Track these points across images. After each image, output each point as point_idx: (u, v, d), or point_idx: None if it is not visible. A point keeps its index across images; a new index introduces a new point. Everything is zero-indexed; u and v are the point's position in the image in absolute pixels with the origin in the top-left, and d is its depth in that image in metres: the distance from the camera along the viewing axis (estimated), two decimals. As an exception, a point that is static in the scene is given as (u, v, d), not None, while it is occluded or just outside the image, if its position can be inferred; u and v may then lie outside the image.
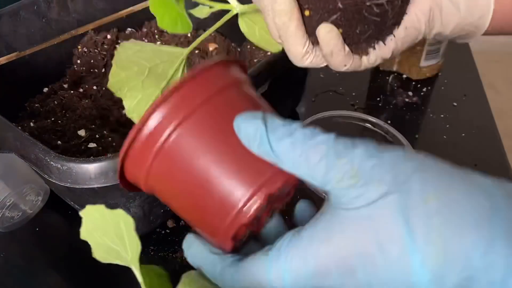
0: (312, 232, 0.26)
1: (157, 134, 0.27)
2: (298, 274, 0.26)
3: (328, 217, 0.26)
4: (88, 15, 0.65)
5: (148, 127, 0.28)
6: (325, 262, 0.25)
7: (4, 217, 0.49)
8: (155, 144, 0.27)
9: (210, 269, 0.28)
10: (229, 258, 0.28)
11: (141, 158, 0.28)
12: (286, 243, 0.27)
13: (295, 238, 0.27)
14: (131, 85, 0.39)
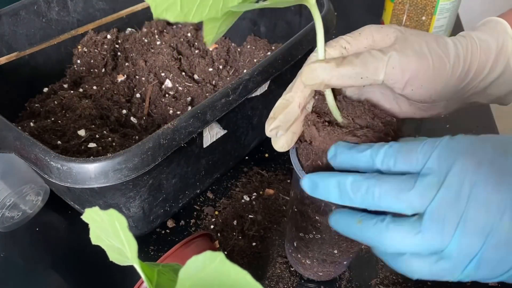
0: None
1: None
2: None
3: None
4: (88, 15, 0.65)
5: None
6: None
7: (4, 217, 0.49)
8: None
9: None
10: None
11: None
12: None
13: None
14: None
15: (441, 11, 0.65)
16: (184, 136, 0.42)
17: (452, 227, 0.29)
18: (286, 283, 0.47)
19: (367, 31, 0.38)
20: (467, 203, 0.29)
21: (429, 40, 0.37)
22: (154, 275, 0.25)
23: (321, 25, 0.35)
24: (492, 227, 0.28)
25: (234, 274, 0.18)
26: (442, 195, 0.29)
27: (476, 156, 0.29)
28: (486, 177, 0.29)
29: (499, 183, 0.28)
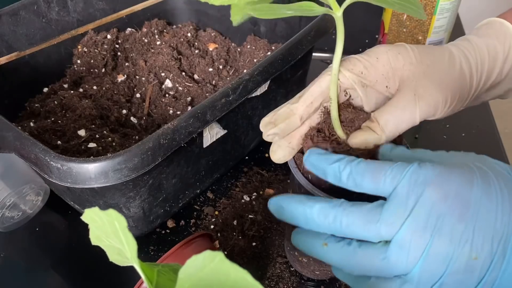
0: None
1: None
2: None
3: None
4: (88, 15, 0.65)
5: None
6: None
7: (4, 217, 0.49)
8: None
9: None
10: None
11: None
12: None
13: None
14: None
15: (441, 11, 0.65)
16: (184, 136, 0.42)
17: (417, 255, 0.30)
18: (286, 283, 0.47)
19: (385, 58, 0.38)
20: (432, 233, 0.30)
21: (445, 68, 0.38)
22: (154, 275, 0.25)
23: (342, 40, 0.34)
24: (453, 256, 0.30)
25: (233, 274, 0.18)
26: (409, 225, 0.30)
27: (443, 188, 0.31)
28: (451, 209, 0.30)
29: (463, 214, 0.30)
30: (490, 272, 0.29)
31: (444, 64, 0.38)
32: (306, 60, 0.60)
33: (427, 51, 0.39)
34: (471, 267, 0.29)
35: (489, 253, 0.29)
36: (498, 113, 0.71)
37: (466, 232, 0.30)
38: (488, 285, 0.30)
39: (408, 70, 0.37)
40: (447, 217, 0.30)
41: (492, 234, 0.29)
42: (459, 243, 0.30)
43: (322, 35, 0.53)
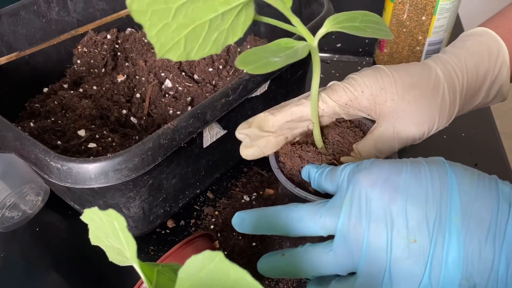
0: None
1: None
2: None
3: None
4: (88, 15, 0.65)
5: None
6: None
7: (4, 217, 0.49)
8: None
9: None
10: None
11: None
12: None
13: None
14: (157, 8, 0.31)
15: (441, 11, 0.65)
16: (184, 136, 0.42)
17: (359, 244, 0.31)
18: (286, 283, 0.47)
19: (369, 92, 0.39)
20: (367, 220, 0.31)
21: (426, 102, 0.39)
22: (154, 275, 0.25)
23: (319, 70, 0.38)
24: (391, 241, 0.30)
25: (233, 274, 0.18)
26: (345, 214, 0.32)
27: (372, 175, 0.32)
28: (381, 194, 0.31)
29: (393, 198, 0.31)
30: (433, 254, 0.29)
31: (426, 97, 0.39)
32: (306, 60, 0.60)
33: (410, 81, 0.39)
34: (413, 251, 0.30)
35: (426, 234, 0.30)
36: (498, 113, 0.71)
37: (399, 215, 0.30)
38: (436, 270, 0.30)
39: (390, 107, 0.39)
40: (377, 201, 0.31)
41: (425, 215, 0.30)
42: (393, 227, 0.30)
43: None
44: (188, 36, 0.32)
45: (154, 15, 0.30)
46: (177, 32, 0.32)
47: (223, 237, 0.51)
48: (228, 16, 0.34)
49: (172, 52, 0.32)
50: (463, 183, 0.31)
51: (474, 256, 0.29)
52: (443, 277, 0.30)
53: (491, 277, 0.29)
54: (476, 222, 0.29)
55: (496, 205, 0.30)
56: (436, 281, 0.30)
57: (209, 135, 0.48)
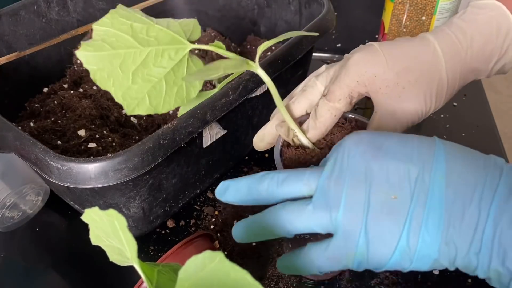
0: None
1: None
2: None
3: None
4: (88, 15, 0.65)
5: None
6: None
7: (4, 217, 0.49)
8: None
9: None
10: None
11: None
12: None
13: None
14: (116, 76, 0.37)
15: (441, 11, 0.65)
16: (184, 136, 0.42)
17: (337, 198, 0.30)
18: (286, 283, 0.47)
19: (362, 80, 0.39)
20: (348, 176, 0.31)
21: (423, 82, 0.38)
22: (154, 275, 0.25)
23: (274, 88, 0.41)
24: (370, 196, 0.30)
25: (233, 274, 0.18)
26: (328, 170, 0.32)
27: (358, 135, 0.32)
28: (364, 151, 0.31)
29: (376, 155, 0.30)
30: (413, 212, 0.29)
31: (422, 81, 0.38)
32: (306, 60, 0.60)
33: (404, 64, 0.38)
34: (392, 207, 0.29)
35: (408, 191, 0.29)
36: (498, 113, 0.71)
37: (380, 170, 0.30)
38: (415, 231, 0.29)
39: (385, 94, 0.39)
40: (359, 158, 0.31)
41: (407, 172, 0.29)
42: (373, 181, 0.30)
43: (322, 35, 0.53)
44: (150, 93, 0.38)
45: (116, 82, 0.37)
46: (140, 91, 0.38)
47: (223, 237, 0.51)
48: (178, 71, 0.39)
49: (140, 108, 0.38)
50: (451, 150, 0.30)
51: (456, 217, 0.28)
52: (421, 240, 0.29)
53: (474, 240, 0.28)
54: (462, 183, 0.28)
55: (485, 169, 0.29)
56: (414, 242, 0.29)
57: (209, 135, 0.48)
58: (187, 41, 0.40)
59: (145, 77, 0.38)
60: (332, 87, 0.40)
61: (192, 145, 0.47)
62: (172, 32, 0.39)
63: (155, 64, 0.38)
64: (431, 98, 0.38)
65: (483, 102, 0.69)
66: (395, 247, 0.29)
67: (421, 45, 0.39)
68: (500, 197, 0.28)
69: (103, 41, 0.36)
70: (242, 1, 0.69)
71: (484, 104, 0.69)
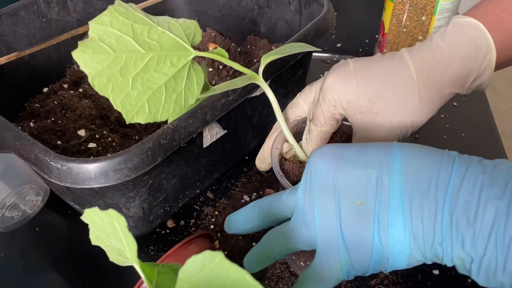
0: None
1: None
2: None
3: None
4: (88, 15, 0.65)
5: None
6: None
7: (4, 217, 0.49)
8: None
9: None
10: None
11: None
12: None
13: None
14: (115, 81, 0.35)
15: (441, 11, 0.65)
16: (184, 136, 0.42)
17: (312, 213, 0.33)
18: (286, 283, 0.47)
19: (339, 105, 0.40)
20: (317, 190, 0.32)
21: (395, 111, 0.39)
22: (154, 275, 0.25)
23: (275, 99, 0.41)
24: (340, 205, 0.31)
25: (233, 274, 0.18)
26: (300, 188, 0.34)
27: (322, 150, 0.34)
28: (328, 164, 0.32)
29: (339, 166, 0.32)
30: (379, 214, 0.30)
31: (395, 106, 0.38)
32: (306, 60, 0.60)
33: (377, 90, 0.38)
34: (361, 213, 0.31)
35: (371, 195, 0.30)
36: (498, 113, 0.71)
37: (344, 180, 0.31)
38: (385, 230, 0.30)
39: (359, 119, 0.40)
40: (325, 171, 0.32)
41: (368, 177, 0.31)
42: (340, 192, 0.31)
43: (322, 35, 0.53)
44: (149, 100, 0.37)
45: (115, 87, 0.35)
46: (139, 98, 0.36)
47: (223, 237, 0.51)
48: (179, 78, 0.38)
49: (139, 116, 0.37)
50: (407, 149, 0.31)
51: (417, 211, 0.30)
52: (391, 238, 0.30)
53: (436, 230, 0.29)
54: (418, 179, 0.30)
55: (438, 162, 0.30)
56: (386, 241, 0.30)
57: (209, 135, 0.48)
58: (190, 47, 0.38)
59: (145, 83, 0.36)
60: (315, 112, 0.42)
61: (192, 145, 0.47)
62: (175, 36, 0.37)
63: (156, 70, 0.37)
64: (406, 122, 0.39)
65: (483, 102, 0.69)
66: (371, 248, 0.31)
67: (398, 67, 0.39)
68: (453, 186, 0.29)
69: (102, 41, 0.34)
70: (242, 1, 0.69)
71: (484, 104, 0.69)
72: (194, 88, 0.40)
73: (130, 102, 0.36)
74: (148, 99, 0.37)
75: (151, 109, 0.37)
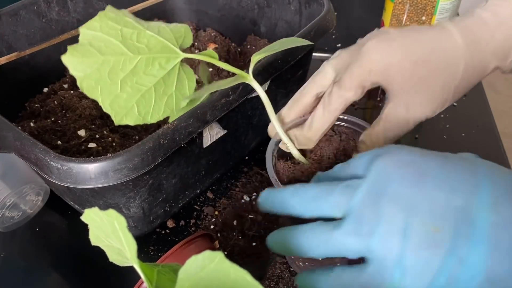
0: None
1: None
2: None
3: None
4: (88, 15, 0.65)
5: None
6: None
7: (4, 217, 0.50)
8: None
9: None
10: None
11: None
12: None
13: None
14: (104, 84, 0.36)
15: (441, 11, 0.65)
16: (184, 136, 0.42)
17: (371, 224, 0.28)
18: (286, 283, 0.47)
19: (376, 69, 0.37)
20: (384, 200, 0.28)
21: (439, 77, 0.37)
22: (154, 275, 0.25)
23: (267, 98, 0.40)
24: (407, 226, 0.27)
25: (233, 274, 0.18)
26: (361, 192, 0.29)
27: (395, 156, 0.30)
28: (403, 175, 0.29)
29: (418, 182, 0.28)
30: (454, 246, 0.26)
31: (440, 73, 0.36)
32: (306, 60, 0.60)
33: (422, 54, 0.36)
34: (433, 240, 0.27)
35: (451, 224, 0.27)
36: (498, 113, 0.71)
37: (423, 200, 0.28)
38: (455, 265, 0.26)
39: (399, 84, 0.37)
40: (398, 183, 0.28)
41: (451, 206, 0.27)
42: (414, 211, 0.27)
43: (322, 35, 0.53)
44: (139, 102, 0.37)
45: (104, 90, 0.36)
46: (128, 100, 0.37)
47: (223, 237, 0.51)
48: (169, 80, 0.39)
49: (129, 118, 0.37)
50: (494, 178, 0.28)
51: (502, 256, 0.26)
52: (461, 277, 0.26)
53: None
54: (509, 217, 0.26)
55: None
56: (452, 279, 0.27)
57: (209, 135, 0.48)
58: (179, 49, 0.39)
59: (134, 86, 0.37)
60: (344, 76, 0.38)
61: (192, 145, 0.47)
62: (163, 40, 0.38)
63: (145, 72, 0.37)
64: (448, 91, 0.36)
65: (483, 102, 0.69)
66: (430, 282, 0.27)
67: (441, 33, 0.37)
68: None
69: (90, 45, 0.35)
70: (242, 1, 0.69)
71: (484, 104, 0.69)
72: (186, 90, 0.40)
73: (119, 104, 0.37)
74: (137, 101, 0.37)
75: (141, 111, 0.38)
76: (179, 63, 0.39)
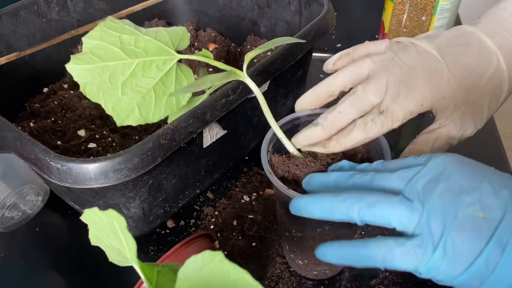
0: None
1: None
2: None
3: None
4: (88, 15, 0.65)
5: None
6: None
7: (4, 217, 0.49)
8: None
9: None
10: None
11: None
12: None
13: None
14: (106, 88, 0.38)
15: (441, 11, 0.65)
16: (184, 136, 0.42)
17: (421, 202, 0.30)
18: (286, 283, 0.47)
19: (428, 104, 0.38)
20: (440, 185, 0.30)
21: (482, 92, 0.38)
22: (154, 276, 0.25)
23: (262, 98, 0.41)
24: (458, 208, 0.29)
25: (233, 274, 0.18)
26: (417, 176, 0.31)
27: (455, 156, 0.32)
28: (462, 170, 0.31)
29: (473, 176, 0.30)
30: (498, 232, 0.28)
31: (487, 96, 0.38)
32: (306, 60, 0.60)
33: (472, 82, 0.38)
34: (479, 224, 0.28)
35: (498, 215, 0.28)
36: (498, 113, 0.71)
37: (475, 190, 0.29)
38: (497, 251, 0.28)
39: (452, 110, 0.38)
40: (455, 175, 0.31)
41: (502, 198, 0.29)
42: (465, 198, 0.29)
43: (322, 35, 0.53)
44: (140, 104, 0.40)
45: (106, 94, 0.38)
46: (129, 102, 0.39)
47: (223, 237, 0.51)
48: (167, 81, 0.41)
49: (130, 119, 0.40)
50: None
51: None
52: (502, 263, 0.27)
53: None
54: None
55: None
56: (492, 264, 0.28)
57: (209, 135, 0.48)
58: (174, 51, 0.41)
59: (134, 88, 0.39)
60: (393, 107, 0.38)
61: (192, 145, 0.47)
62: (160, 43, 0.40)
63: (143, 75, 0.39)
64: (493, 111, 0.39)
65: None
66: (471, 263, 0.28)
67: (486, 57, 0.38)
68: None
69: (92, 53, 0.38)
70: (242, 1, 0.69)
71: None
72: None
73: (121, 106, 0.39)
74: (138, 102, 0.40)
75: (142, 112, 0.40)
76: (176, 64, 0.41)
